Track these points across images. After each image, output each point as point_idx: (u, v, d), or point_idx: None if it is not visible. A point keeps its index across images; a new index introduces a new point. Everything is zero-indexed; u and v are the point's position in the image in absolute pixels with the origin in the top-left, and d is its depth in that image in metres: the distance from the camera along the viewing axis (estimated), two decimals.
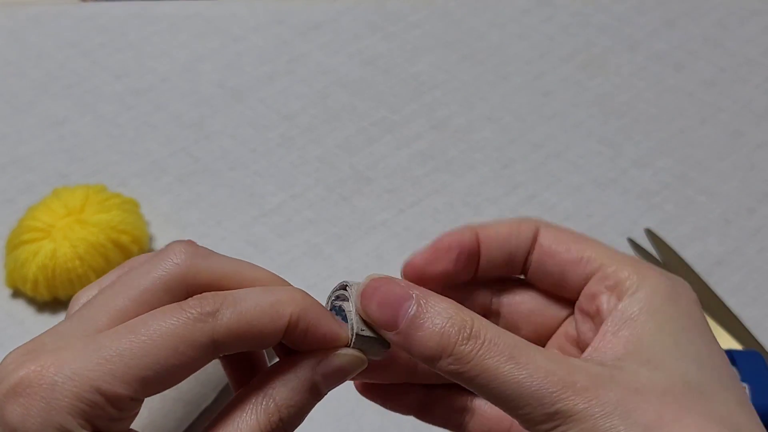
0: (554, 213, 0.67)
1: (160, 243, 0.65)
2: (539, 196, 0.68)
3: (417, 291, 0.34)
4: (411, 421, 0.55)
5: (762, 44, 0.80)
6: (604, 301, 0.36)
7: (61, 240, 0.60)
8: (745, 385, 0.47)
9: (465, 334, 0.33)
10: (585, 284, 0.37)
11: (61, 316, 0.59)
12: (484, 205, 0.67)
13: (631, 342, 0.34)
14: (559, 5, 0.84)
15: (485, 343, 0.33)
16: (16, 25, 0.83)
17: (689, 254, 0.64)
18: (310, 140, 0.72)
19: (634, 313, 0.35)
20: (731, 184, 0.68)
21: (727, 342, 0.58)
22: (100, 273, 0.60)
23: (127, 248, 0.62)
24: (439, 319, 0.33)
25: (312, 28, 0.82)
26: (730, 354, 0.49)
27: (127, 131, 0.73)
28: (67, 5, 0.85)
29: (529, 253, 0.39)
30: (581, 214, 0.67)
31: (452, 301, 0.34)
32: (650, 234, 0.65)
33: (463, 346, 0.33)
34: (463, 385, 0.34)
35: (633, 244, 0.64)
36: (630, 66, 0.78)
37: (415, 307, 0.34)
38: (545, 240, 0.38)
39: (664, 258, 0.63)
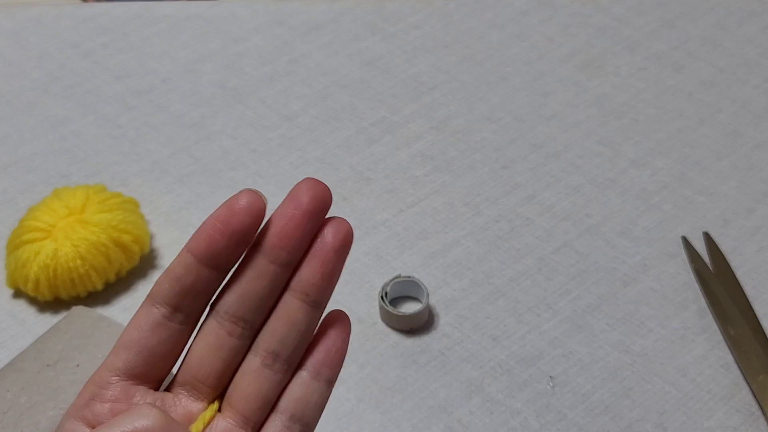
0: (553, 213, 0.67)
1: (160, 242, 0.65)
2: (538, 196, 0.68)
3: None
4: (410, 420, 0.55)
5: (760, 45, 0.80)
6: None
7: (63, 240, 0.60)
8: None
9: None
10: None
11: (62, 316, 0.59)
12: (483, 205, 0.67)
13: None
14: (558, 6, 0.84)
15: None
16: (17, 25, 0.84)
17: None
18: (310, 140, 0.73)
19: None
20: (730, 184, 0.69)
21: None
22: (101, 272, 0.61)
23: (129, 248, 0.62)
24: None
25: (312, 29, 0.82)
26: None
27: (127, 131, 0.74)
28: (68, 6, 0.86)
29: None
30: (580, 214, 0.67)
31: None
32: (707, 237, 0.64)
33: None
34: None
35: (686, 243, 0.64)
36: (629, 66, 0.78)
37: None
38: None
39: (715, 264, 0.63)
